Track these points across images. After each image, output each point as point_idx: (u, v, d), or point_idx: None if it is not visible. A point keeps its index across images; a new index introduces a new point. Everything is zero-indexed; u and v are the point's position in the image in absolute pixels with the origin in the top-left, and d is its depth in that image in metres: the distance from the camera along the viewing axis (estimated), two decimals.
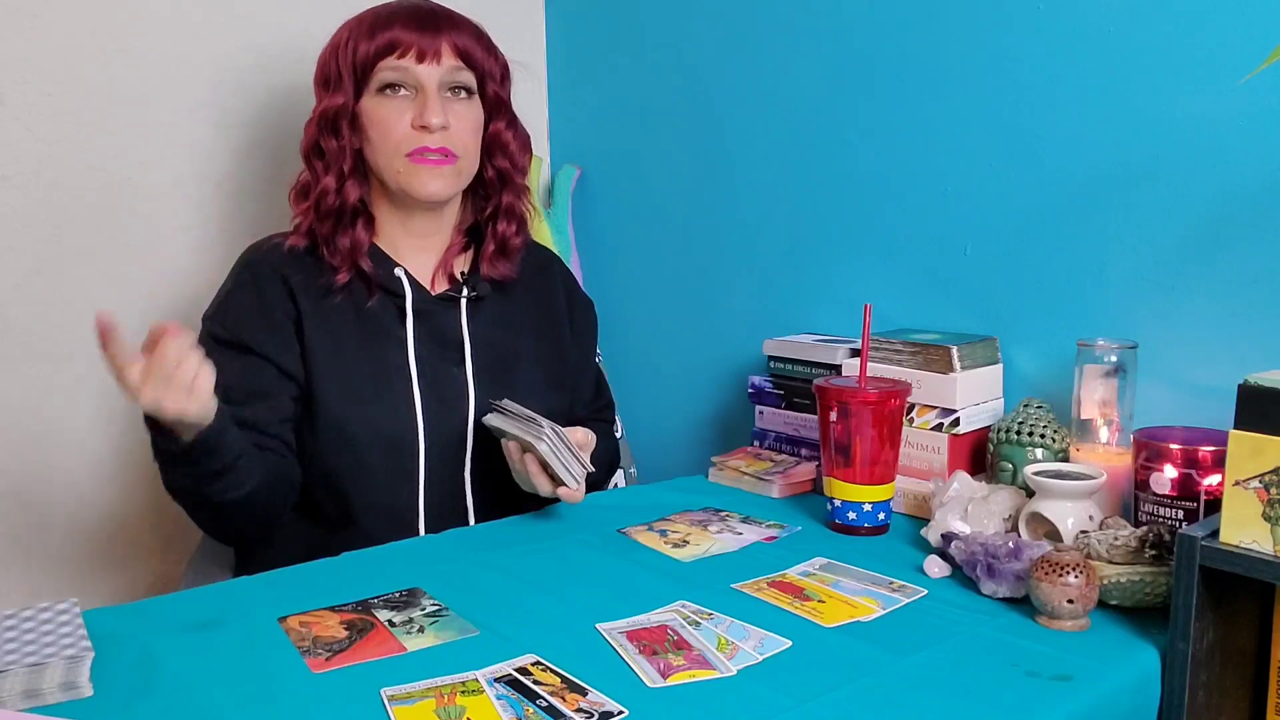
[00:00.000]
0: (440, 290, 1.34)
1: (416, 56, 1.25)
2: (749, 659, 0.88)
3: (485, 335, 1.33)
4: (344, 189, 1.28)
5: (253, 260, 1.30)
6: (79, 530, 1.54)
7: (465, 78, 1.28)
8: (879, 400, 1.20)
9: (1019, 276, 1.34)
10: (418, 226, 1.33)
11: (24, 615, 0.91)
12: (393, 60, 1.25)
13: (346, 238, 1.29)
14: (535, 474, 1.21)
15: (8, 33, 1.40)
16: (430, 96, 1.25)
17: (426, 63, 1.25)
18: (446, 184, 1.28)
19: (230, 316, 1.26)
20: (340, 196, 1.28)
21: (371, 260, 1.30)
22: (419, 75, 1.25)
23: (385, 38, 1.25)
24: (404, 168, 1.26)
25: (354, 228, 1.29)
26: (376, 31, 1.26)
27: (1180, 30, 1.18)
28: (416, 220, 1.33)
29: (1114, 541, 1.00)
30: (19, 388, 1.46)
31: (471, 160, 1.31)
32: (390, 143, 1.26)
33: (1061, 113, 1.28)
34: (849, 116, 1.51)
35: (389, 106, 1.26)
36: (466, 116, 1.29)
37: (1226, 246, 1.16)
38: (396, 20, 1.26)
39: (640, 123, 1.81)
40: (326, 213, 1.28)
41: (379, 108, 1.26)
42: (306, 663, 0.88)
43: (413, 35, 1.25)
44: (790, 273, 1.61)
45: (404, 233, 1.34)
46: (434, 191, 1.27)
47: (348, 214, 1.29)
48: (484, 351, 1.33)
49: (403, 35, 1.25)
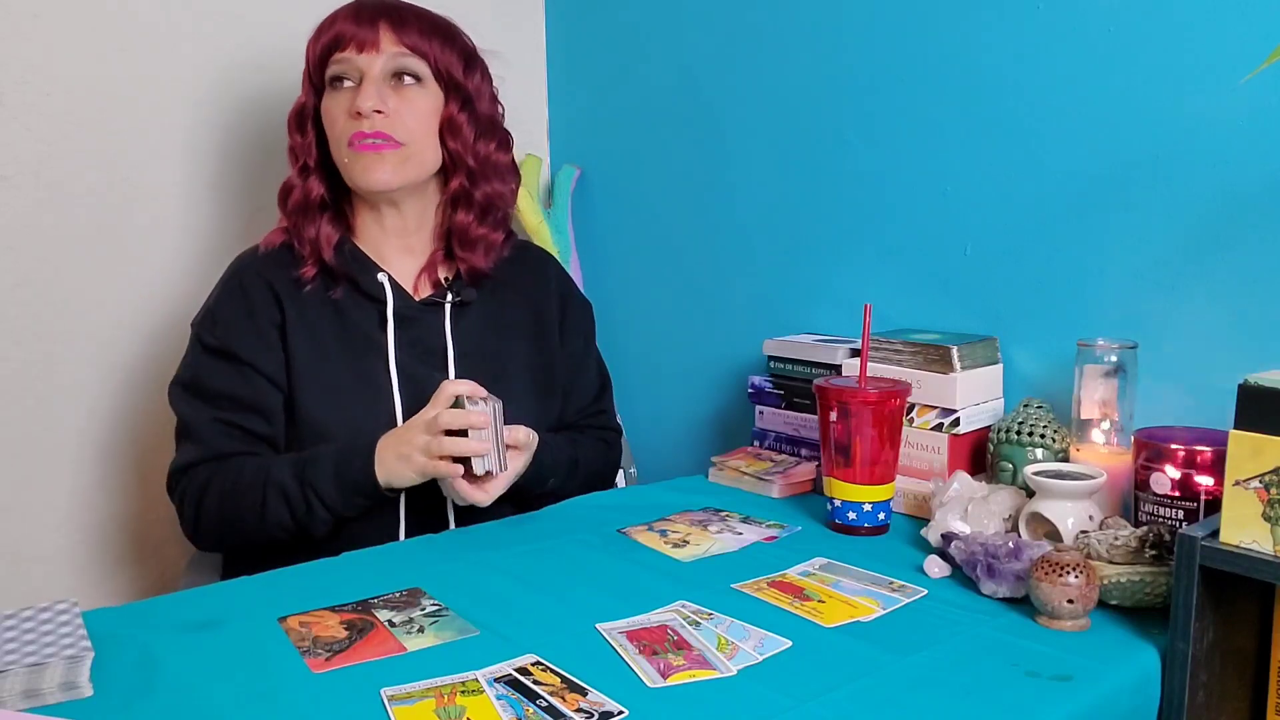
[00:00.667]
0: (424, 295, 1.33)
1: (356, 47, 1.26)
2: (749, 659, 0.88)
3: (471, 341, 1.32)
4: (307, 183, 1.31)
5: (240, 268, 1.32)
6: (79, 530, 1.54)
7: (411, 64, 1.28)
8: (879, 400, 1.20)
9: (1019, 276, 1.34)
10: (391, 223, 1.33)
11: (24, 615, 0.91)
12: (338, 54, 1.27)
13: (313, 228, 1.30)
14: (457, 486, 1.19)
15: (8, 33, 1.40)
16: (367, 83, 1.25)
17: (366, 52, 1.26)
18: (391, 171, 1.27)
19: (219, 324, 1.27)
20: (304, 191, 1.30)
21: (354, 263, 1.31)
22: (360, 65, 1.26)
23: (330, 34, 1.28)
24: (348, 157, 1.27)
25: (319, 221, 1.31)
26: (324, 30, 1.29)
27: (1180, 30, 1.18)
28: (387, 216, 1.33)
29: (1114, 541, 1.00)
30: (18, 387, 1.46)
31: (421, 148, 1.29)
32: (335, 134, 1.28)
33: (1062, 113, 1.28)
34: (849, 116, 1.51)
35: (334, 99, 1.28)
36: (414, 102, 1.28)
37: (1226, 246, 1.16)
38: (339, 16, 1.28)
39: (640, 123, 1.81)
40: (293, 207, 1.31)
41: (329, 102, 1.29)
42: (306, 663, 0.88)
43: (351, 27, 1.26)
44: (790, 273, 1.61)
45: (383, 233, 1.34)
46: (379, 180, 1.27)
47: (313, 207, 1.31)
48: (468, 359, 1.31)
49: (343, 28, 1.27)
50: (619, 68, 1.83)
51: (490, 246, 1.36)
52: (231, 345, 1.25)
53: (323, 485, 1.19)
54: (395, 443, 1.19)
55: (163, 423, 1.51)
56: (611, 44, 1.84)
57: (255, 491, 1.20)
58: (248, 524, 1.21)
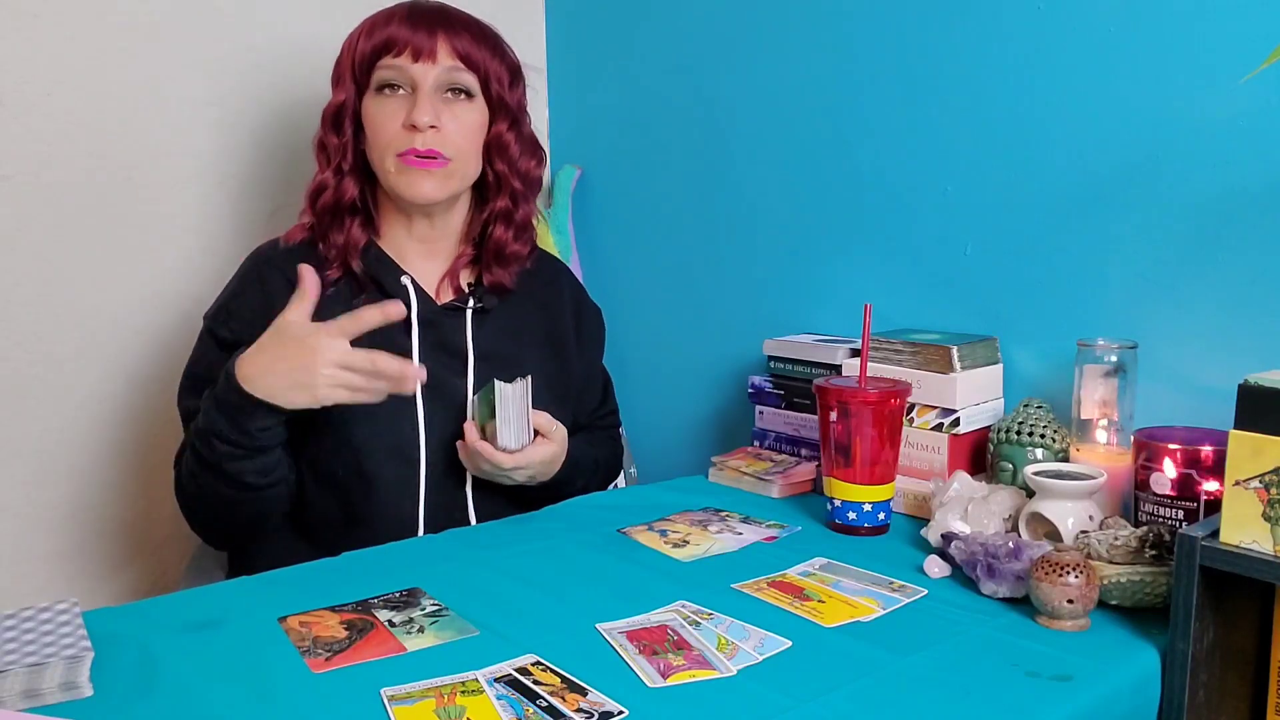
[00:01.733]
0: (446, 300, 1.33)
1: (412, 55, 1.24)
2: (749, 659, 0.88)
3: (490, 347, 1.33)
4: (341, 185, 1.29)
5: (259, 262, 1.31)
6: (79, 530, 1.54)
7: (464, 79, 1.27)
8: (879, 400, 1.20)
9: (1019, 276, 1.34)
10: (420, 231, 1.33)
11: (24, 615, 0.91)
12: (389, 59, 1.25)
13: (341, 234, 1.29)
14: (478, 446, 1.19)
15: (8, 33, 1.40)
16: (422, 97, 1.24)
17: (421, 62, 1.24)
18: (437, 187, 1.27)
19: (235, 318, 1.26)
20: (337, 193, 1.28)
21: (378, 265, 1.30)
22: (413, 75, 1.25)
23: (383, 36, 1.25)
24: (394, 168, 1.26)
25: (349, 225, 1.29)
26: (376, 30, 1.26)
27: (1180, 30, 1.18)
28: (418, 224, 1.32)
29: (1114, 541, 1.00)
30: (18, 387, 1.46)
31: (466, 163, 1.29)
32: (382, 142, 1.26)
33: (1062, 113, 1.28)
34: (849, 116, 1.51)
35: (384, 105, 1.26)
36: (463, 118, 1.27)
37: (1226, 246, 1.16)
38: (395, 19, 1.26)
39: (640, 123, 1.81)
40: (323, 208, 1.29)
41: (375, 106, 1.26)
42: (306, 663, 0.88)
43: (408, 34, 1.24)
44: (790, 273, 1.61)
45: (408, 237, 1.33)
46: (423, 193, 1.26)
47: (344, 210, 1.29)
48: (487, 362, 1.31)
49: (399, 33, 1.24)
50: (619, 68, 1.83)
51: (521, 261, 1.36)
52: (245, 339, 1.23)
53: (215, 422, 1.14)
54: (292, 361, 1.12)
55: (164, 423, 1.51)
56: (611, 44, 1.84)
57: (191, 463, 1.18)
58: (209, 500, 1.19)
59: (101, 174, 1.49)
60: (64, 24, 1.44)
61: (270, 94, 1.62)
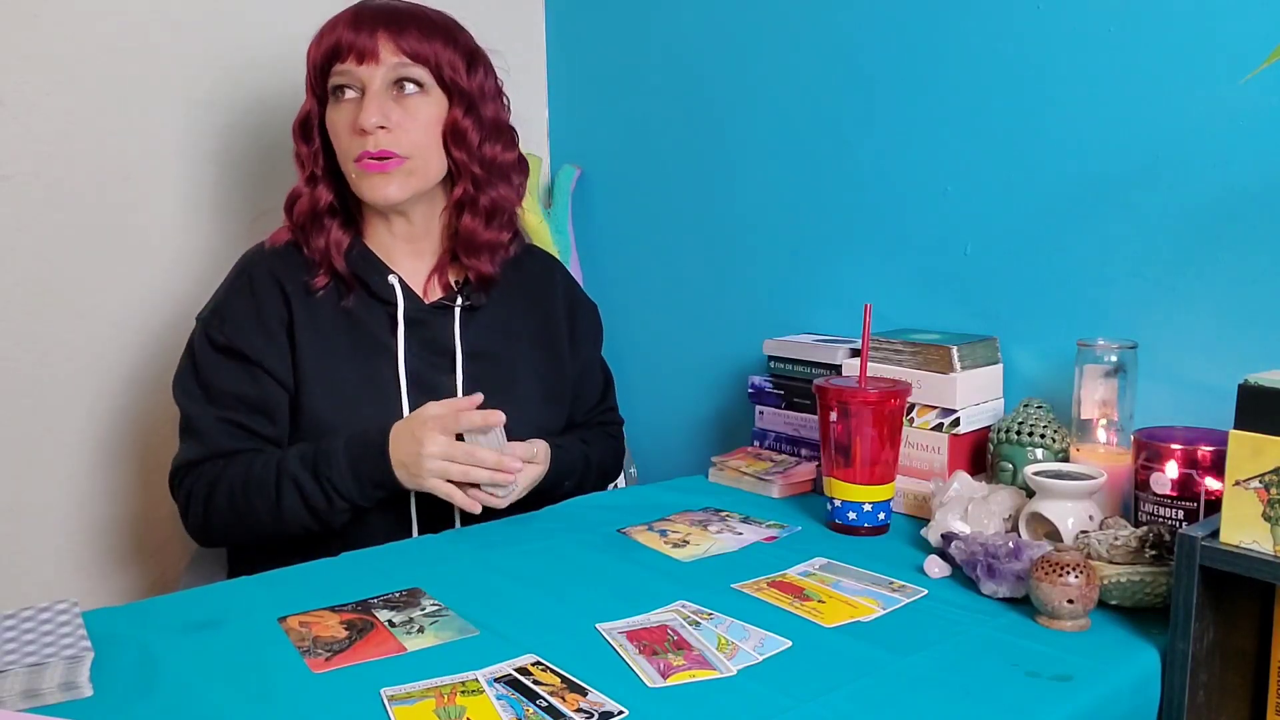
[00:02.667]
0: (434, 299, 1.33)
1: (356, 59, 1.23)
2: (749, 659, 0.88)
3: (480, 345, 1.32)
4: (315, 192, 1.29)
5: (249, 265, 1.31)
6: (79, 531, 1.54)
7: (413, 72, 1.25)
8: (879, 400, 1.20)
9: (1019, 276, 1.34)
10: (401, 229, 1.33)
11: (24, 615, 0.91)
12: (339, 65, 1.25)
13: (322, 238, 1.29)
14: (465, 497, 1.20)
15: (8, 33, 1.40)
16: (369, 98, 1.23)
17: (366, 64, 1.23)
18: (398, 187, 1.26)
19: (228, 323, 1.26)
20: (312, 200, 1.29)
21: (364, 265, 1.30)
22: (361, 77, 1.24)
23: (330, 42, 1.25)
24: (355, 173, 1.26)
25: (329, 227, 1.29)
26: (325, 37, 1.26)
27: (1180, 30, 1.18)
28: (397, 223, 1.32)
29: (1114, 541, 1.00)
30: (19, 387, 1.46)
31: (427, 159, 1.27)
32: (341, 149, 1.27)
33: (1062, 113, 1.28)
34: (849, 116, 1.51)
35: (340, 112, 1.26)
36: (417, 114, 1.26)
37: (1226, 246, 1.16)
38: (340, 23, 1.26)
39: (640, 123, 1.81)
40: (300, 216, 1.29)
41: (333, 114, 1.27)
42: (306, 663, 0.88)
43: (351, 36, 1.24)
44: (790, 273, 1.61)
45: (392, 236, 1.33)
46: (385, 195, 1.26)
47: (321, 215, 1.29)
48: (476, 361, 1.31)
49: (344, 37, 1.24)
50: (619, 68, 1.83)
51: (496, 249, 1.34)
52: (240, 344, 1.24)
53: (340, 480, 1.19)
54: (404, 448, 1.18)
55: (163, 423, 1.51)
56: (611, 44, 1.84)
57: (268, 488, 1.20)
58: (262, 520, 1.21)
59: (101, 174, 1.49)
60: (64, 24, 1.44)
61: (270, 94, 1.62)
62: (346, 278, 1.29)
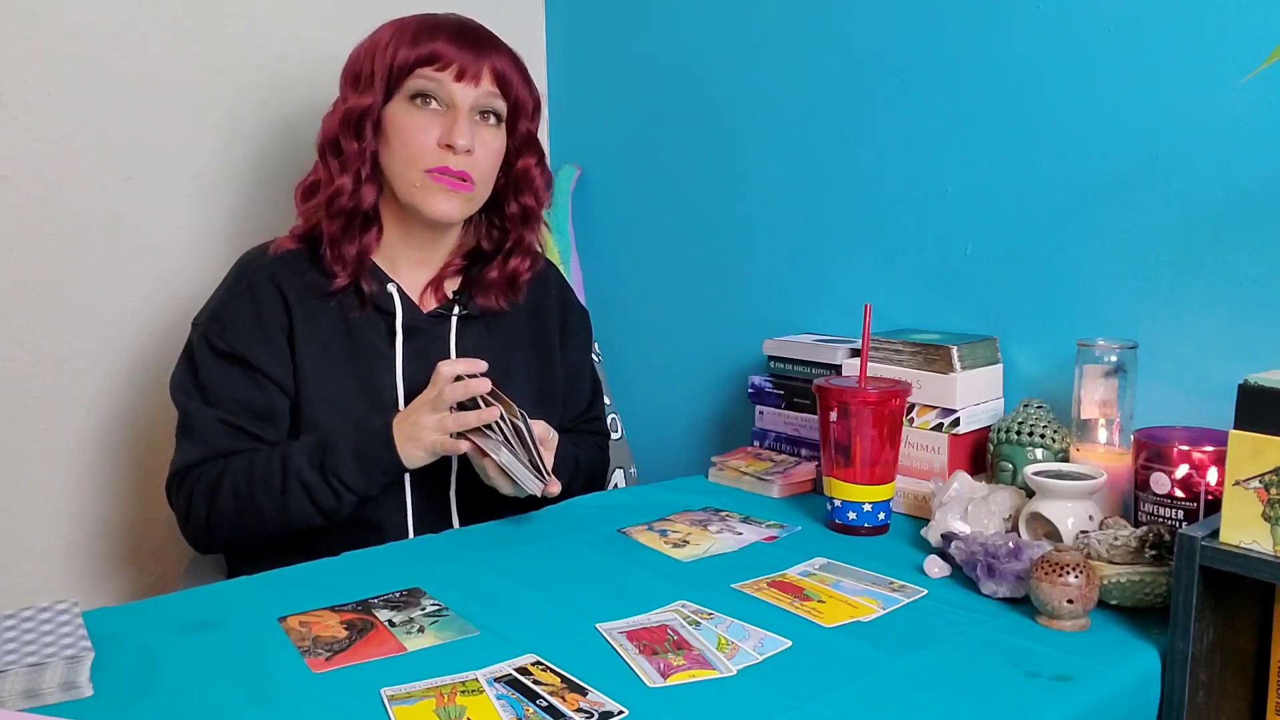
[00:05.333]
0: (431, 308, 1.33)
1: (456, 74, 1.23)
2: (749, 659, 0.88)
3: (475, 352, 1.31)
4: (360, 191, 1.26)
5: (248, 269, 1.29)
6: (79, 530, 1.54)
7: (498, 105, 1.27)
8: (879, 400, 1.20)
9: (1019, 276, 1.34)
10: (418, 240, 1.32)
11: (24, 615, 0.91)
12: (430, 71, 1.23)
13: (354, 245, 1.27)
14: (495, 476, 1.20)
15: (8, 33, 1.40)
16: (461, 117, 1.24)
17: (464, 82, 1.24)
18: (458, 208, 1.27)
19: (228, 328, 1.25)
20: (355, 199, 1.26)
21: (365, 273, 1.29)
22: (453, 93, 1.24)
23: (428, 48, 1.23)
24: (420, 182, 1.25)
25: (364, 234, 1.28)
26: (421, 40, 1.24)
27: (1180, 30, 1.18)
28: (417, 235, 1.32)
29: (1114, 541, 1.00)
30: (19, 387, 1.46)
31: (486, 189, 1.30)
32: (410, 153, 1.24)
33: (1062, 112, 1.28)
34: (849, 116, 1.51)
35: (417, 117, 1.24)
36: (491, 144, 1.27)
37: (1226, 246, 1.16)
38: (443, 33, 1.24)
39: (640, 123, 1.81)
40: (338, 212, 1.26)
41: (407, 116, 1.24)
42: (306, 663, 0.88)
43: (455, 51, 1.23)
44: (790, 273, 1.61)
45: (403, 245, 1.32)
46: (443, 213, 1.26)
47: (360, 218, 1.27)
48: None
49: (446, 49, 1.23)
50: (619, 68, 1.83)
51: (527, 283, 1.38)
52: (240, 350, 1.23)
53: (346, 472, 1.19)
54: (403, 424, 1.20)
55: (163, 423, 1.51)
56: (611, 44, 1.84)
57: (273, 485, 1.19)
58: (268, 518, 1.20)
59: (101, 174, 1.49)
60: (64, 24, 1.44)
61: (270, 95, 1.62)
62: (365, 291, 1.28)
